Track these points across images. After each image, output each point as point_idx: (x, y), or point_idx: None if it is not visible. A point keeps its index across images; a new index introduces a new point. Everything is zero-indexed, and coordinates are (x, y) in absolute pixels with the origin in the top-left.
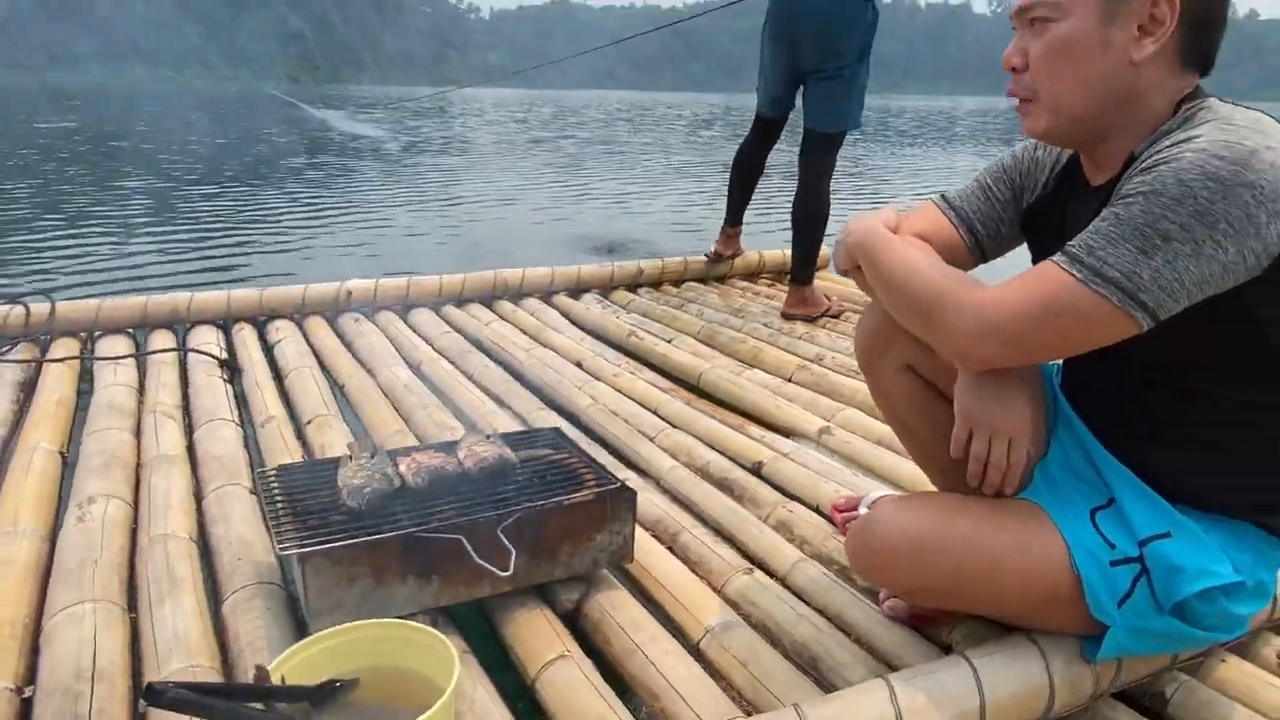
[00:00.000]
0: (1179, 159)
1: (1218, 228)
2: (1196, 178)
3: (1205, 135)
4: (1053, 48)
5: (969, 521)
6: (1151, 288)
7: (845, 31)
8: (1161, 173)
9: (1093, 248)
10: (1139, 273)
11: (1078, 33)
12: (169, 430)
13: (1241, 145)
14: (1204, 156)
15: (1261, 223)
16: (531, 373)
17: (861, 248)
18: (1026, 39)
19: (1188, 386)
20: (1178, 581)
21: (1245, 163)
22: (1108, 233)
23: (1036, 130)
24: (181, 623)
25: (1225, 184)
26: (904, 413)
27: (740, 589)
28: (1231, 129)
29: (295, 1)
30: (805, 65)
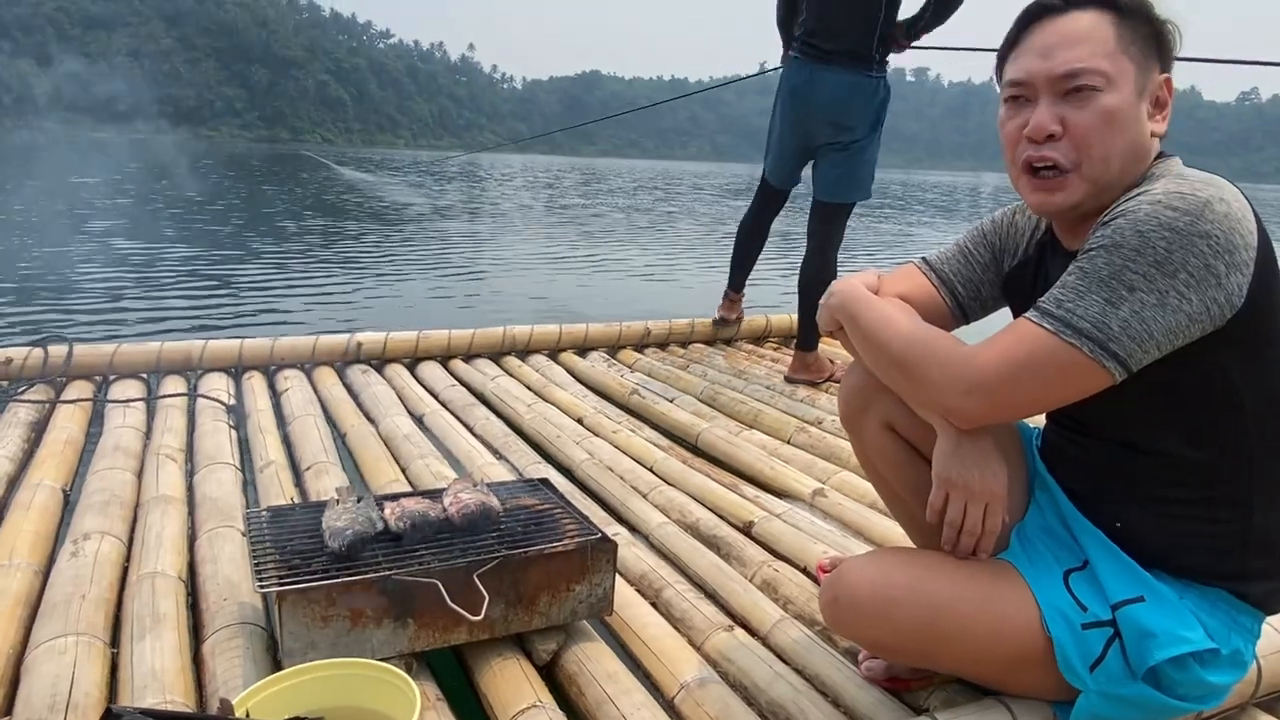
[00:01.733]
0: (1135, 211)
1: (1178, 277)
2: (1153, 228)
3: (1160, 188)
4: (1104, 118)
5: (940, 578)
6: (1121, 338)
7: (858, 107)
8: (1120, 225)
9: (1061, 300)
10: (1108, 323)
11: (1123, 103)
12: (169, 472)
13: (1195, 196)
14: (1158, 208)
15: (1221, 273)
16: (532, 427)
17: (843, 308)
18: (1061, 107)
19: (1159, 448)
20: (1150, 647)
21: (1198, 213)
22: (1074, 286)
23: (1070, 201)
24: (160, 659)
25: (1180, 233)
26: (884, 471)
27: (719, 646)
28: (1185, 182)
29: (337, 70)
30: (817, 139)
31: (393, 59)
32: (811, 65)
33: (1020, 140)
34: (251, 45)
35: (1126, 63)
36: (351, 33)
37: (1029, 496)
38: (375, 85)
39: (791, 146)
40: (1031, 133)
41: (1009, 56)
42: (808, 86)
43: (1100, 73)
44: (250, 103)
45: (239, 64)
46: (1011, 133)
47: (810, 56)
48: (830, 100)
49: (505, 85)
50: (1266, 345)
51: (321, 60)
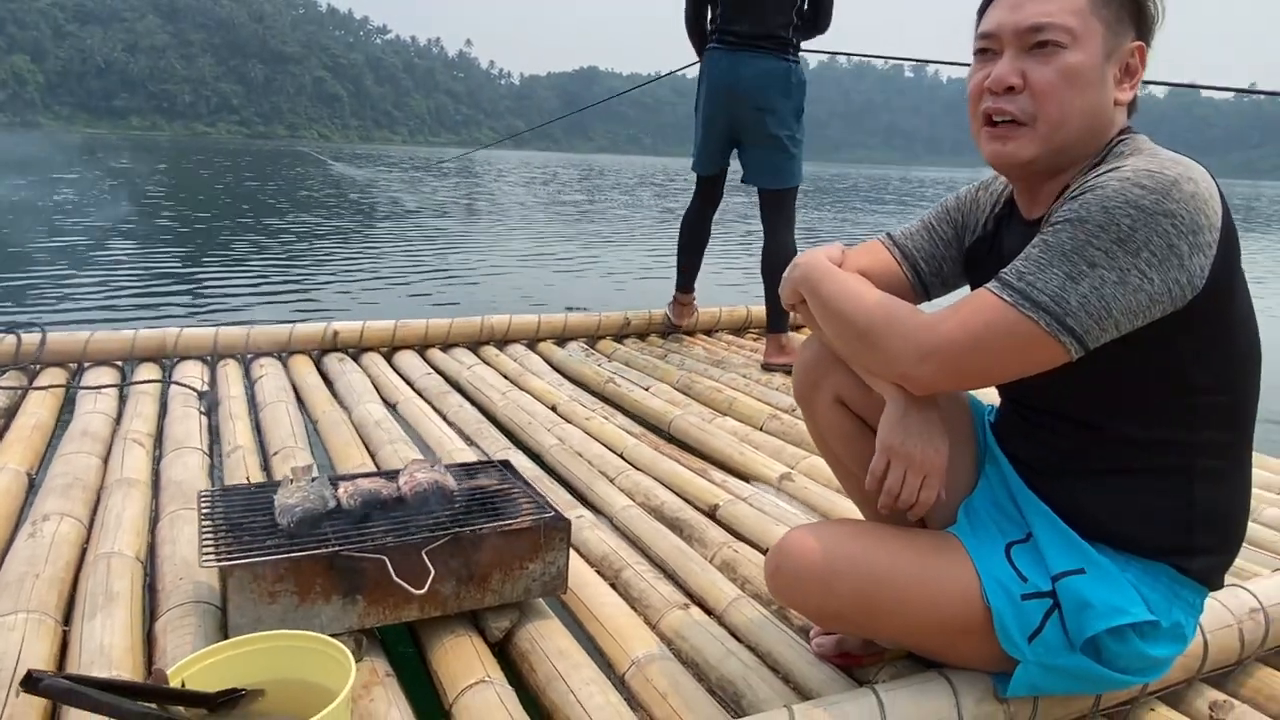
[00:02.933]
0: (1104, 187)
1: (1140, 255)
2: (1119, 205)
3: (1130, 165)
4: (1065, 74)
5: (882, 549)
6: (1079, 313)
7: (781, 92)
8: (1087, 200)
9: (1022, 273)
10: (1067, 298)
11: (1087, 63)
12: (136, 456)
13: (1163, 174)
14: (1126, 185)
15: (1184, 253)
16: (504, 414)
17: (805, 280)
18: (1024, 61)
19: (1108, 423)
20: (1088, 618)
21: (1165, 192)
22: (1037, 259)
23: (1021, 157)
24: (109, 636)
25: (1146, 211)
26: (835, 446)
27: (674, 624)
28: (1154, 160)
29: (334, 66)
30: (744, 124)
31: (390, 55)
32: (731, 53)
33: (983, 93)
34: (248, 41)
35: (1096, 23)
36: (348, 28)
37: (978, 471)
38: (372, 81)
39: (716, 134)
40: (991, 84)
41: (984, 11)
42: (730, 74)
43: (1066, 29)
44: (246, 99)
45: (235, 60)
46: (975, 85)
47: (728, 45)
48: (753, 85)
49: (503, 81)
50: (1221, 328)
51: (318, 56)
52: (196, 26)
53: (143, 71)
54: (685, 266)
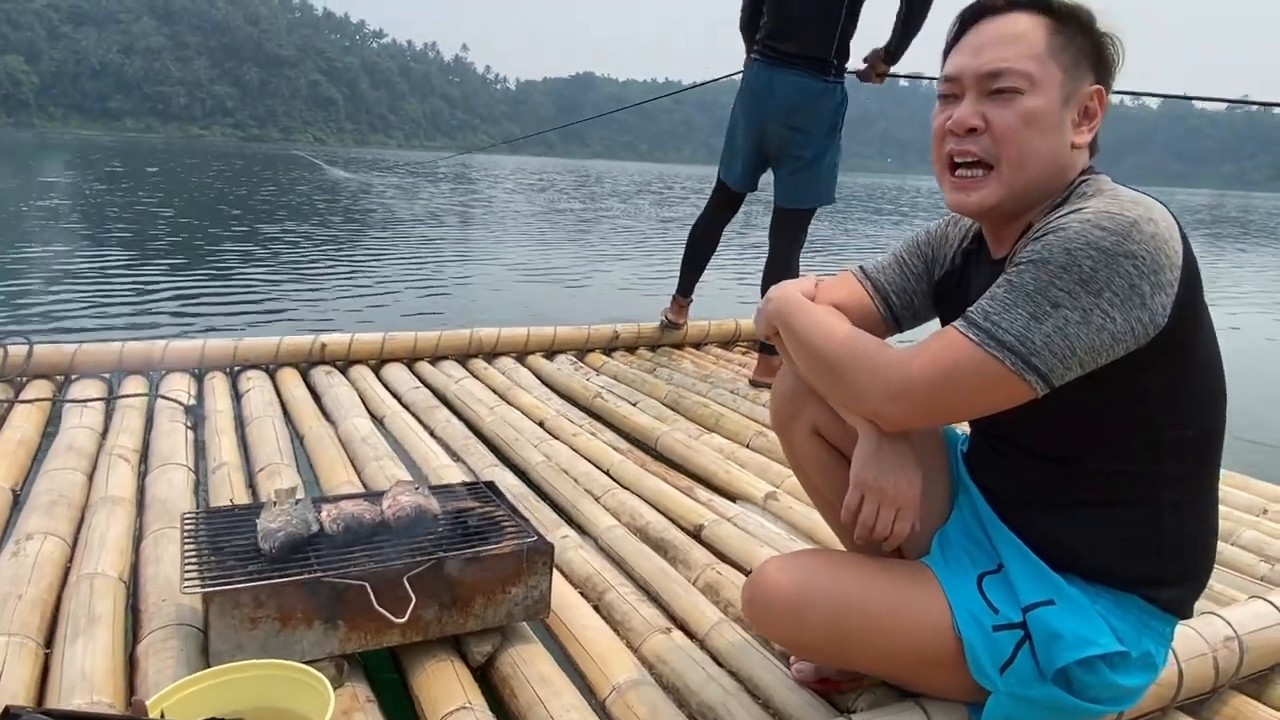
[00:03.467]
0: (1065, 228)
1: (1103, 296)
2: (1080, 246)
3: (1091, 207)
4: (1024, 118)
5: (855, 580)
6: (1044, 353)
7: (813, 111)
8: (1049, 241)
9: (988, 313)
10: (1031, 338)
11: (1046, 108)
12: (121, 473)
13: (1123, 216)
14: (1088, 226)
15: (1146, 294)
16: (492, 429)
17: (779, 314)
18: (984, 104)
19: (1074, 456)
20: (1058, 649)
21: (1126, 233)
22: (1002, 299)
23: (986, 203)
24: (91, 659)
25: (1107, 253)
26: (813, 475)
27: (656, 648)
28: (1115, 202)
29: (329, 69)
30: (774, 143)
31: (385, 59)
32: (770, 68)
33: (945, 135)
34: (243, 44)
35: (1055, 69)
36: (344, 32)
37: (951, 501)
38: (368, 85)
39: (748, 149)
40: (953, 125)
41: (948, 55)
42: (765, 89)
43: (1025, 74)
44: (242, 101)
45: (230, 63)
46: (938, 127)
47: (769, 59)
48: (786, 103)
49: (499, 86)
50: (1185, 363)
51: (314, 59)
52: (192, 29)
53: (138, 73)
54: (690, 269)
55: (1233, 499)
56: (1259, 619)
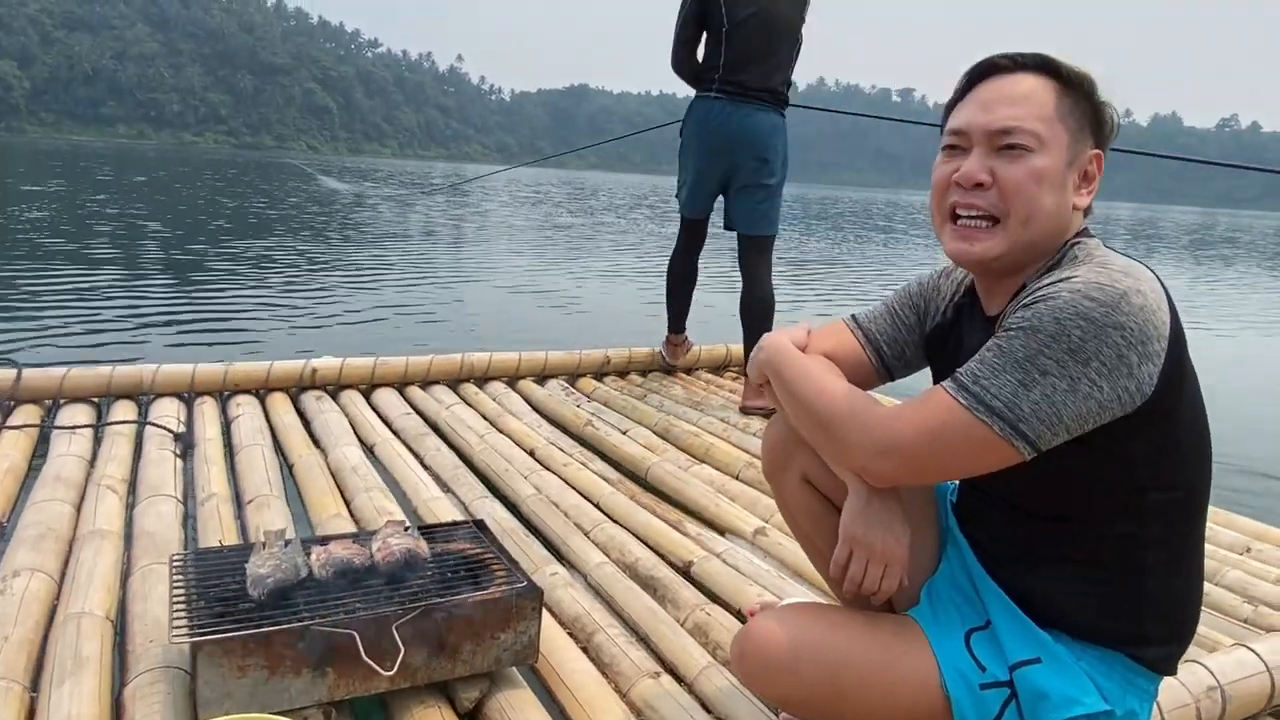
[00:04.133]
0: (1056, 297)
1: (1091, 365)
2: (1070, 317)
3: (1081, 276)
4: (1033, 176)
5: (844, 636)
6: (1031, 419)
7: (775, 145)
8: (1039, 310)
9: (978, 376)
10: (1019, 404)
11: (1052, 167)
12: (109, 504)
13: (1113, 288)
14: (1077, 297)
15: (1133, 364)
16: (482, 459)
17: (770, 363)
18: (993, 160)
19: (1062, 514)
20: (1044, 709)
21: (1115, 305)
22: (991, 363)
23: (989, 255)
24: (77, 705)
25: (1096, 324)
26: (804, 524)
27: (644, 693)
28: (1105, 272)
29: (324, 78)
30: (738, 174)
31: (380, 68)
32: (734, 103)
33: (949, 186)
34: (237, 52)
35: (1061, 131)
36: (339, 41)
37: (940, 553)
38: (362, 94)
39: (709, 182)
40: (961, 178)
41: (954, 109)
42: (730, 123)
43: (1034, 134)
44: (235, 109)
45: (224, 70)
46: (942, 178)
47: (731, 95)
48: (756, 137)
49: (493, 96)
50: (1170, 428)
51: (308, 68)
52: (186, 36)
53: (131, 80)
54: (676, 308)
55: (1217, 537)
56: (1242, 668)
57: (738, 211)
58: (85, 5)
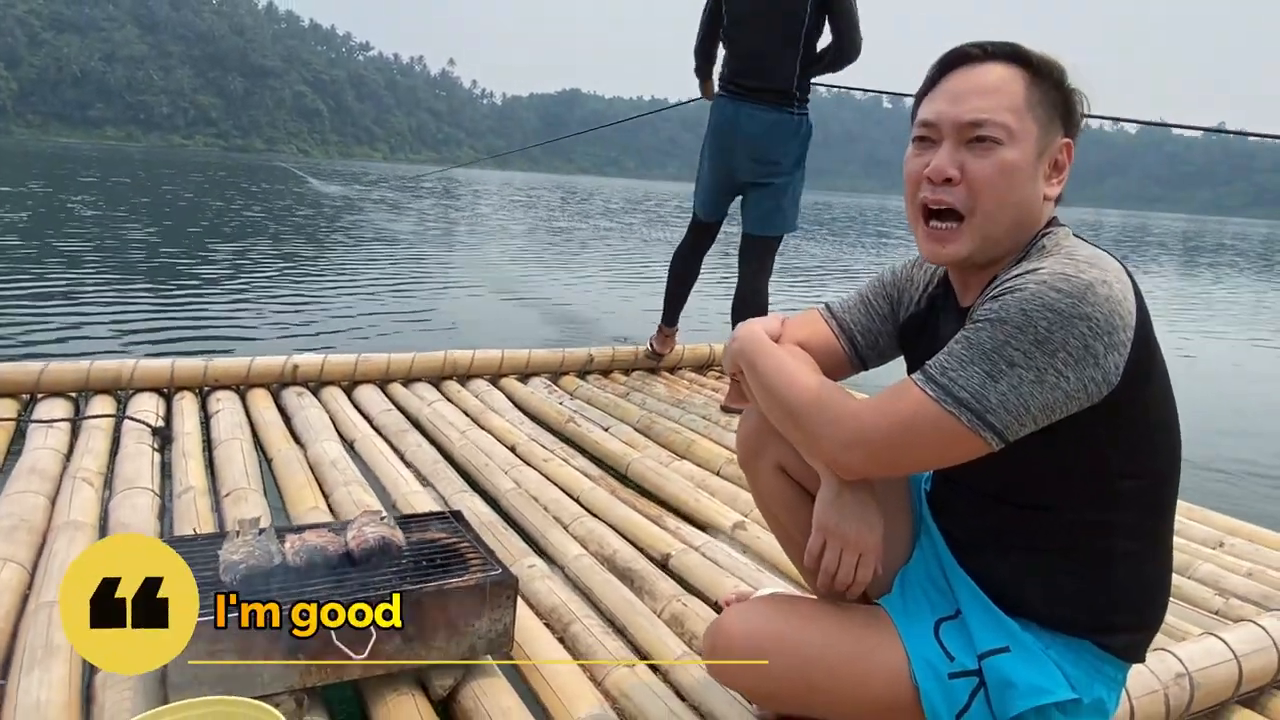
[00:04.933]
0: (1023, 289)
1: (1058, 356)
2: (1037, 308)
3: (1047, 267)
4: (1001, 169)
5: (814, 628)
6: (999, 410)
7: (780, 144)
8: (1007, 302)
9: (946, 368)
10: (987, 396)
11: (1022, 160)
12: (84, 496)
13: (1079, 279)
14: (1043, 288)
15: (1099, 354)
16: (462, 454)
17: (743, 354)
18: (962, 154)
19: (1031, 502)
20: (1011, 697)
21: (1081, 296)
22: (959, 355)
23: (959, 254)
24: (46, 692)
25: (1062, 315)
26: (778, 513)
27: (619, 682)
28: (1071, 263)
29: (315, 81)
30: (743, 175)
31: (372, 71)
32: (736, 103)
33: (921, 181)
34: (227, 54)
35: (1031, 122)
36: (330, 44)
37: (913, 542)
38: (353, 97)
39: (718, 182)
40: (930, 173)
41: (924, 99)
42: (731, 124)
43: (1004, 126)
44: (225, 112)
45: (214, 72)
46: (913, 172)
47: (734, 95)
48: (754, 137)
49: (485, 101)
50: (1139, 416)
51: (299, 71)
52: (176, 38)
53: (119, 81)
54: (673, 300)
55: (1189, 531)
56: (1210, 655)
57: (746, 210)
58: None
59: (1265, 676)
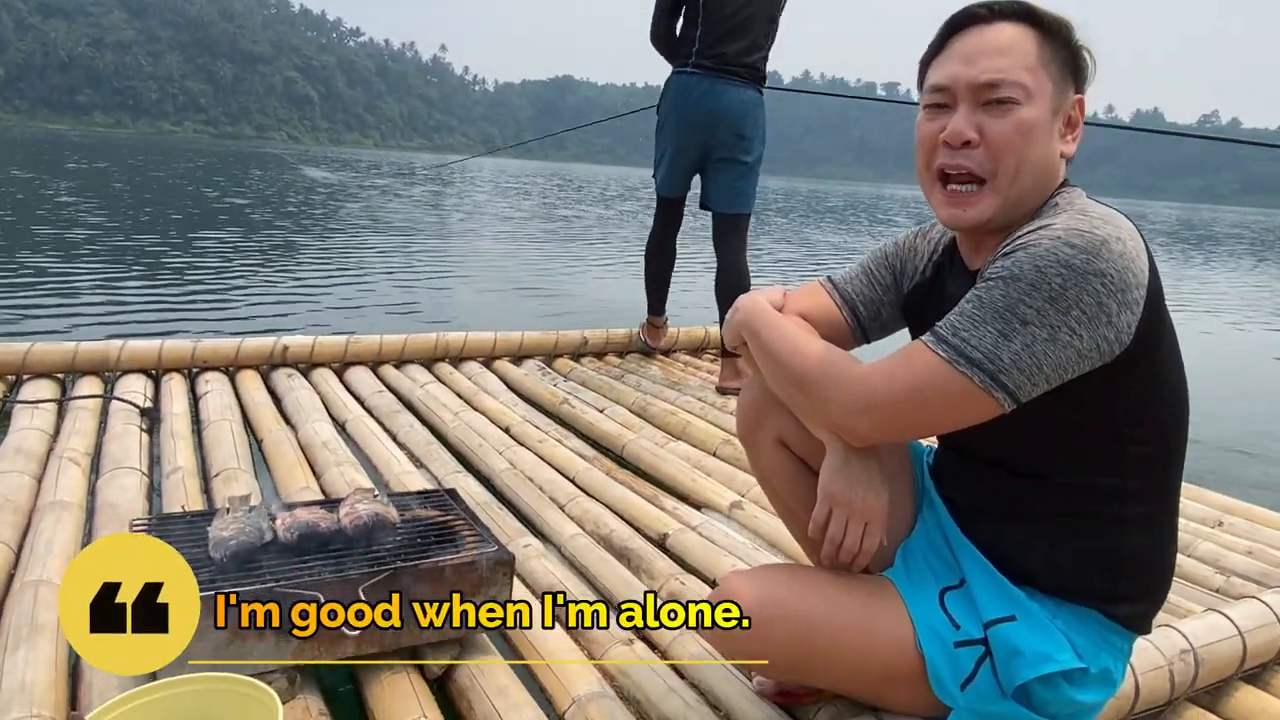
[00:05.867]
0: (1036, 245)
1: (1071, 314)
2: (1050, 265)
3: (1060, 224)
4: (1021, 129)
5: (817, 595)
6: (1012, 370)
7: (753, 121)
8: (1019, 259)
9: (957, 328)
10: (1000, 355)
11: (1039, 118)
12: (71, 476)
13: (1093, 234)
14: (1057, 244)
15: (1113, 311)
16: (455, 435)
17: (746, 324)
18: (979, 116)
19: (1036, 469)
20: (1018, 665)
21: (1096, 252)
22: (971, 314)
23: (982, 217)
24: (32, 671)
25: (1077, 271)
26: (778, 485)
27: (617, 660)
28: (1085, 219)
29: (305, 67)
30: (715, 151)
31: (363, 57)
32: (711, 78)
33: (936, 146)
34: (217, 39)
35: (1045, 79)
36: (320, 29)
37: (916, 514)
38: (344, 83)
39: (686, 159)
40: (948, 137)
41: (932, 62)
42: (709, 99)
43: (1021, 85)
44: (214, 98)
45: (204, 58)
46: (927, 137)
47: (708, 71)
48: (734, 113)
49: (477, 87)
50: (1150, 379)
51: (289, 57)
52: (165, 23)
53: (108, 67)
54: (656, 290)
55: (1188, 510)
56: (1215, 631)
57: (714, 189)
58: None
59: (1270, 652)
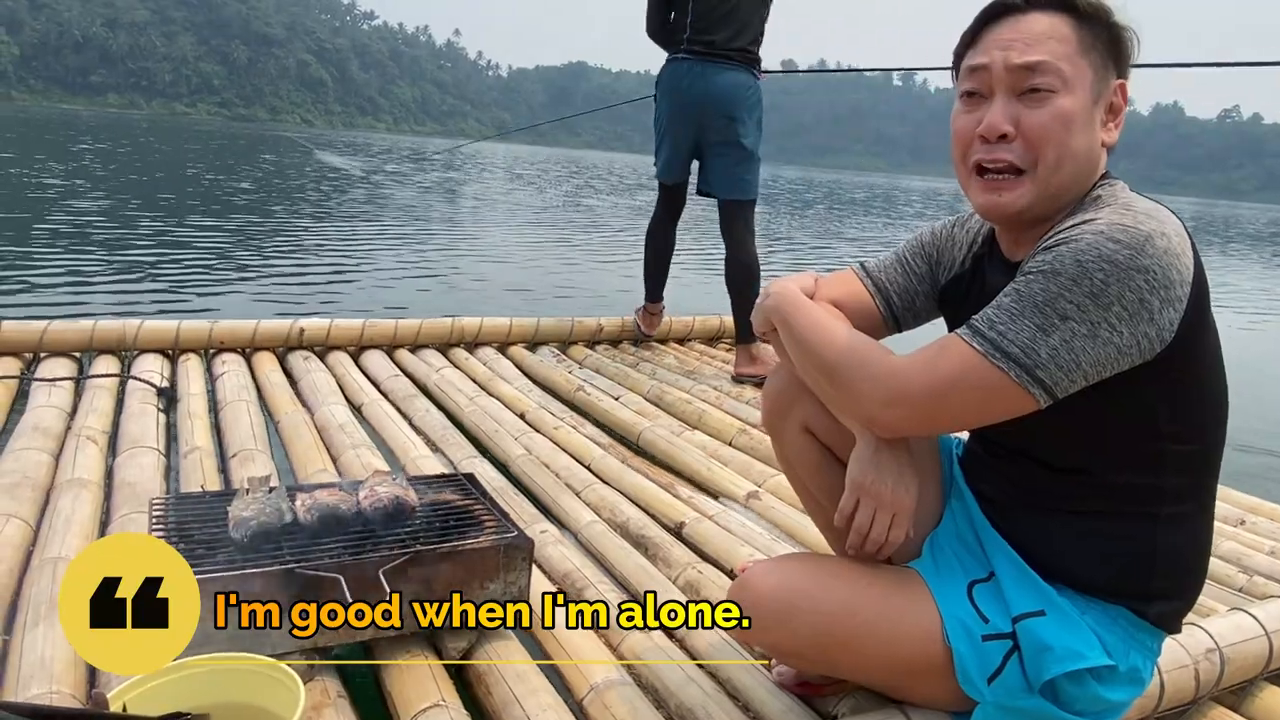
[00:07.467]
0: (1078, 240)
1: (1112, 310)
2: (1093, 260)
3: (1104, 218)
4: (1059, 119)
5: (843, 585)
6: (1049, 365)
7: (746, 105)
8: (1061, 253)
9: (994, 322)
10: (1037, 350)
11: (1079, 107)
12: (89, 454)
13: (1137, 229)
14: (1101, 239)
15: (1155, 308)
16: (471, 420)
17: (778, 310)
18: (1016, 108)
19: (1071, 465)
20: (1047, 661)
21: (1140, 248)
22: (1009, 308)
23: (1019, 205)
24: (51, 648)
25: (1120, 267)
26: (802, 474)
27: (635, 648)
28: (1129, 214)
29: (318, 50)
30: (710, 135)
31: (376, 41)
32: (702, 63)
33: (973, 139)
34: (230, 21)
35: (1085, 67)
36: (334, 13)
37: (943, 506)
38: (357, 67)
39: (683, 145)
40: (985, 131)
41: (967, 53)
42: (700, 82)
43: (1058, 73)
44: (228, 80)
45: (217, 40)
46: (963, 129)
47: (700, 55)
48: (723, 95)
49: (490, 73)
50: (1188, 378)
51: (302, 39)
52: (178, 4)
53: (122, 48)
54: (654, 276)
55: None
56: (1240, 631)
57: (714, 175)
58: None
59: None
